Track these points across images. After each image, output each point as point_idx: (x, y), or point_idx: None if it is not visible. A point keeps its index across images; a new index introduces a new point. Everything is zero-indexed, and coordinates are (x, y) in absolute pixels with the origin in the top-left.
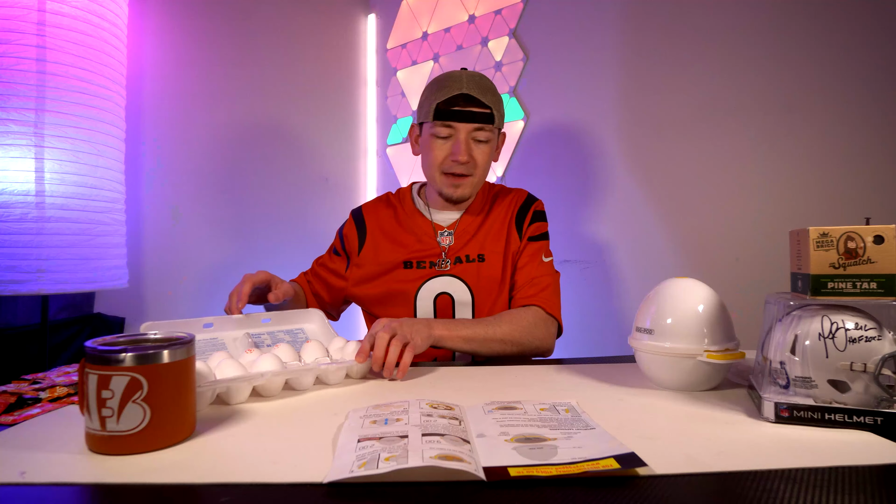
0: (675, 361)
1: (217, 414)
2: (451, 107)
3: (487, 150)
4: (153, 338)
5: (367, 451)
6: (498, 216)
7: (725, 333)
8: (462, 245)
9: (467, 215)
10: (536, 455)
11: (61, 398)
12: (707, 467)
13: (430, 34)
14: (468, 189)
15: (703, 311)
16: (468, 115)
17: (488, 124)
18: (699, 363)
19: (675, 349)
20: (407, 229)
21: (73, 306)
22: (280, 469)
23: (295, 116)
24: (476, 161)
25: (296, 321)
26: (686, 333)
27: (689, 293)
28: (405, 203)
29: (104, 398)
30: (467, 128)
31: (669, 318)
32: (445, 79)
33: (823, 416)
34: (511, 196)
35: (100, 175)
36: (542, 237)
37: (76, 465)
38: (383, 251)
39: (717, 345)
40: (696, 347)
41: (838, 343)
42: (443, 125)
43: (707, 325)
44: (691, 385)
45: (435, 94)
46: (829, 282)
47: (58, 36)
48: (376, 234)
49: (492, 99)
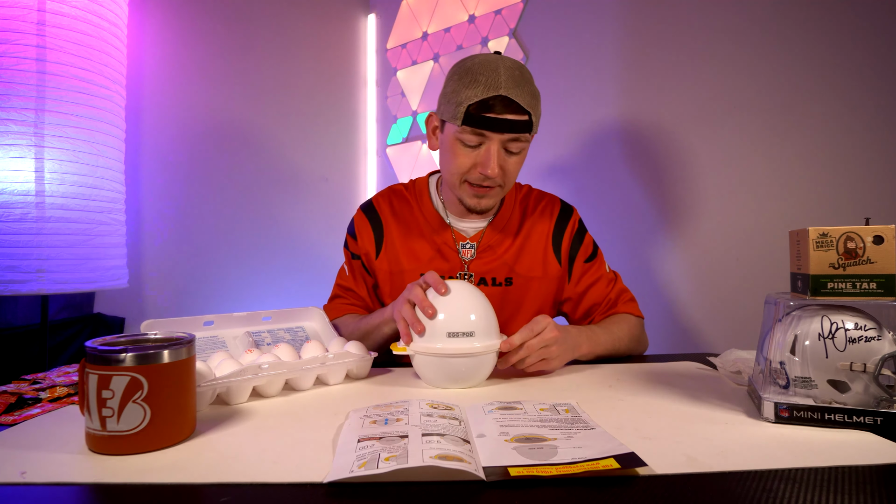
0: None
1: (217, 414)
2: (485, 112)
3: (520, 158)
4: (153, 338)
5: (367, 451)
6: (531, 235)
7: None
8: (487, 264)
9: (493, 228)
10: (536, 455)
11: (61, 398)
12: (707, 467)
13: (430, 34)
14: (493, 200)
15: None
16: (503, 124)
17: (525, 133)
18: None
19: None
20: (425, 236)
21: (73, 306)
22: (280, 469)
23: (295, 116)
24: (505, 171)
25: (296, 319)
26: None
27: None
28: (423, 203)
29: (104, 398)
30: (501, 138)
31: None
32: (480, 69)
33: (823, 417)
34: (543, 207)
35: (100, 175)
36: (594, 254)
37: (76, 465)
38: (401, 259)
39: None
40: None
41: (838, 343)
42: (473, 132)
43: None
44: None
45: (466, 91)
46: (829, 282)
47: (58, 36)
48: (393, 237)
49: (530, 101)
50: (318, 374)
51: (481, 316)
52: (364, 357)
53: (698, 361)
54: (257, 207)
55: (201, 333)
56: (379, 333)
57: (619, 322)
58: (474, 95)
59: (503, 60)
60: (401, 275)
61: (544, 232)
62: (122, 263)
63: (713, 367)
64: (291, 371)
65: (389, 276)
